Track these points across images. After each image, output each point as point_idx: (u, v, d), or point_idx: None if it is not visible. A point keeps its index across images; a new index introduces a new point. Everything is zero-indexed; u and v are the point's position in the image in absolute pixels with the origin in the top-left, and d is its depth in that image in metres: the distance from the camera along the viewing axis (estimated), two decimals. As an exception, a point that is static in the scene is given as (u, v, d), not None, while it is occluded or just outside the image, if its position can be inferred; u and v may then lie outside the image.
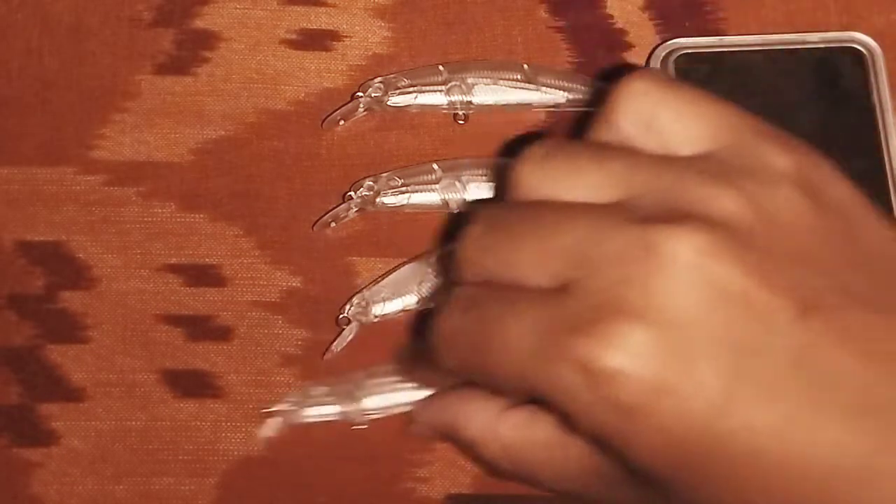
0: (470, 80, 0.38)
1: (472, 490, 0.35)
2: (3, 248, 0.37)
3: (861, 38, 0.38)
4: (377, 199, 0.36)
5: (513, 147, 0.37)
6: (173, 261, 0.37)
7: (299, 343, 0.36)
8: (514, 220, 0.27)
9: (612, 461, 0.26)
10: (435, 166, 0.37)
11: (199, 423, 0.36)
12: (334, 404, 0.35)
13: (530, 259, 0.26)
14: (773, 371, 0.23)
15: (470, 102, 0.38)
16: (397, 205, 0.37)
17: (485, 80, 0.38)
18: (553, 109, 0.38)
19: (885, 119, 0.37)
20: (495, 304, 0.26)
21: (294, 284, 0.37)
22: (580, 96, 0.38)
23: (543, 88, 0.38)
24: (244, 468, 0.35)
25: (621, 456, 0.25)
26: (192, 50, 0.39)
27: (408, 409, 0.34)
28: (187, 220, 0.37)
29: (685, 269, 0.23)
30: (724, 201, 0.25)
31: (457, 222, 0.34)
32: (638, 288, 0.24)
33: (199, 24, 0.39)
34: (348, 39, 0.39)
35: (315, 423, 0.35)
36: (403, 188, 0.36)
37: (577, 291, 0.24)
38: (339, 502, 0.35)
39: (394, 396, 0.35)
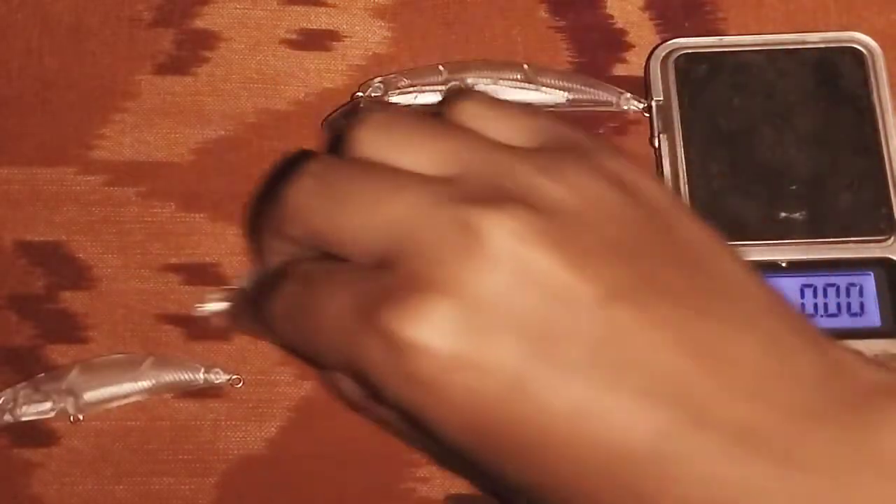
0: (470, 80, 0.38)
1: (472, 490, 0.35)
2: (3, 248, 0.37)
3: (861, 38, 0.38)
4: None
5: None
6: (173, 261, 0.37)
7: (299, 343, 0.36)
8: (344, 179, 0.27)
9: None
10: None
11: (198, 423, 0.36)
12: (50, 401, 0.35)
13: (354, 226, 0.26)
14: (573, 353, 0.24)
15: (470, 102, 0.38)
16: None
17: (485, 80, 0.38)
18: (553, 109, 0.38)
19: (885, 119, 0.37)
20: (321, 278, 0.26)
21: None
22: (580, 96, 0.38)
23: (543, 88, 0.38)
24: (244, 468, 0.35)
25: (427, 427, 0.25)
26: (192, 50, 0.39)
27: (129, 400, 0.35)
28: (187, 219, 0.37)
29: (498, 250, 0.24)
30: (548, 188, 0.25)
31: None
32: (450, 266, 0.24)
33: (199, 24, 0.39)
34: (348, 39, 0.39)
35: (37, 420, 0.35)
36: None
37: (394, 267, 0.25)
38: (339, 502, 0.35)
39: (113, 389, 0.35)
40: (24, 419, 0.35)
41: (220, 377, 0.35)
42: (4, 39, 0.39)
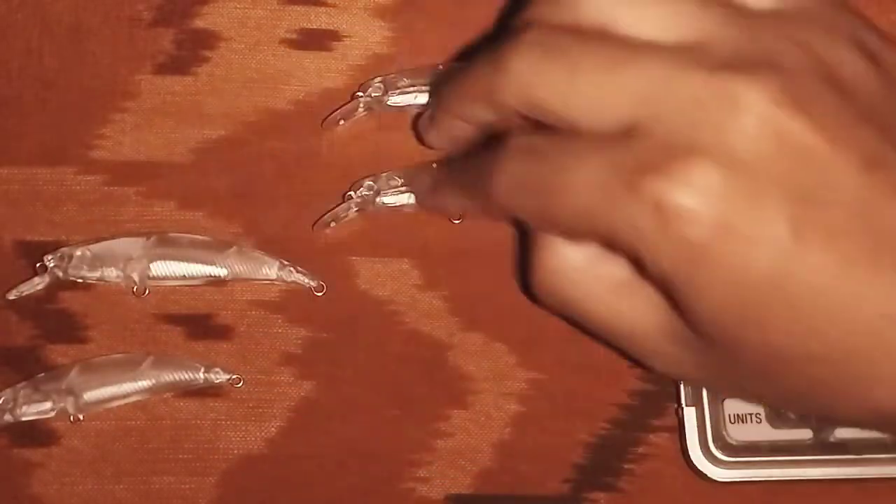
0: None
1: (472, 490, 0.35)
2: (3, 248, 0.37)
3: (861, 38, 0.38)
4: (377, 199, 0.36)
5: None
6: (173, 260, 0.37)
7: (299, 342, 0.36)
8: (574, 47, 0.26)
9: (676, 314, 0.26)
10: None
11: (199, 422, 0.36)
12: (50, 401, 0.35)
13: (593, 95, 0.25)
14: (835, 220, 0.24)
15: (470, 102, 0.37)
16: (397, 204, 0.37)
17: None
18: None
19: (885, 119, 0.37)
20: (558, 149, 0.26)
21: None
22: None
23: None
24: (244, 467, 0.35)
25: (687, 301, 0.25)
26: (192, 50, 0.39)
27: (129, 400, 0.35)
28: (187, 219, 0.37)
29: (758, 117, 0.24)
30: (798, 55, 0.25)
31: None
32: (711, 131, 0.24)
33: (199, 23, 0.39)
34: (348, 39, 0.39)
35: (37, 420, 0.35)
36: (403, 187, 0.36)
37: (647, 133, 0.24)
38: (339, 502, 0.35)
39: (114, 389, 0.35)
40: (24, 419, 0.35)
41: (220, 377, 0.35)
42: (4, 39, 0.39)
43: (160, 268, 0.36)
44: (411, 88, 0.37)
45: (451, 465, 0.35)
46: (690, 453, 0.34)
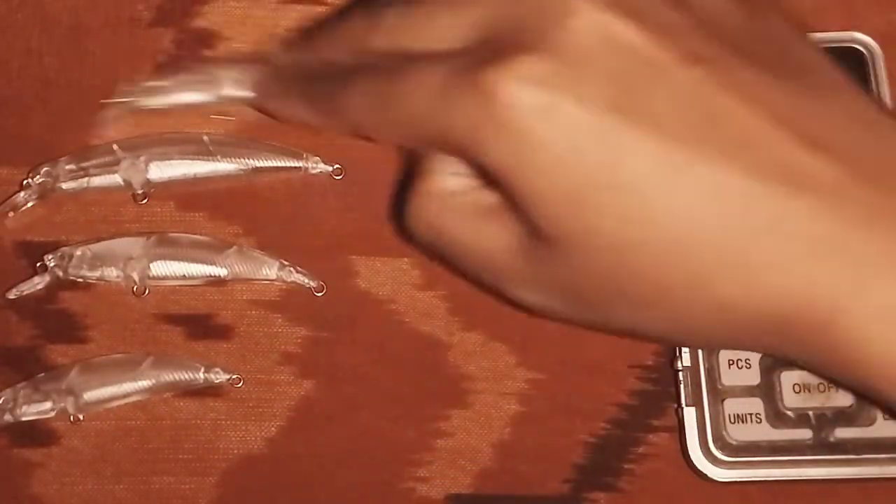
0: None
1: (472, 490, 0.35)
2: (3, 248, 0.37)
3: (861, 38, 0.38)
4: (56, 185, 0.36)
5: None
6: (173, 260, 0.37)
7: (299, 341, 0.36)
8: None
9: (525, 227, 0.27)
10: (115, 147, 0.37)
11: (198, 422, 0.36)
12: (50, 401, 0.35)
13: (444, 28, 0.28)
14: (658, 107, 0.25)
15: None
16: (78, 188, 0.36)
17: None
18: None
19: (885, 119, 0.37)
20: (407, 63, 0.28)
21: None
22: None
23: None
24: (244, 467, 0.35)
25: (523, 194, 0.26)
26: (192, 49, 0.39)
27: (129, 400, 0.35)
28: (186, 219, 0.37)
29: (587, 18, 0.26)
30: None
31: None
32: (543, 32, 0.26)
33: (199, 23, 0.39)
34: (348, 39, 0.39)
35: (37, 420, 0.35)
36: (81, 172, 0.36)
37: (485, 41, 0.27)
38: (339, 502, 0.35)
39: (114, 389, 0.35)
40: (24, 419, 0.35)
41: (220, 377, 0.35)
42: (4, 39, 0.39)
43: (160, 268, 0.36)
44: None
45: (451, 465, 0.35)
46: (690, 453, 0.34)
